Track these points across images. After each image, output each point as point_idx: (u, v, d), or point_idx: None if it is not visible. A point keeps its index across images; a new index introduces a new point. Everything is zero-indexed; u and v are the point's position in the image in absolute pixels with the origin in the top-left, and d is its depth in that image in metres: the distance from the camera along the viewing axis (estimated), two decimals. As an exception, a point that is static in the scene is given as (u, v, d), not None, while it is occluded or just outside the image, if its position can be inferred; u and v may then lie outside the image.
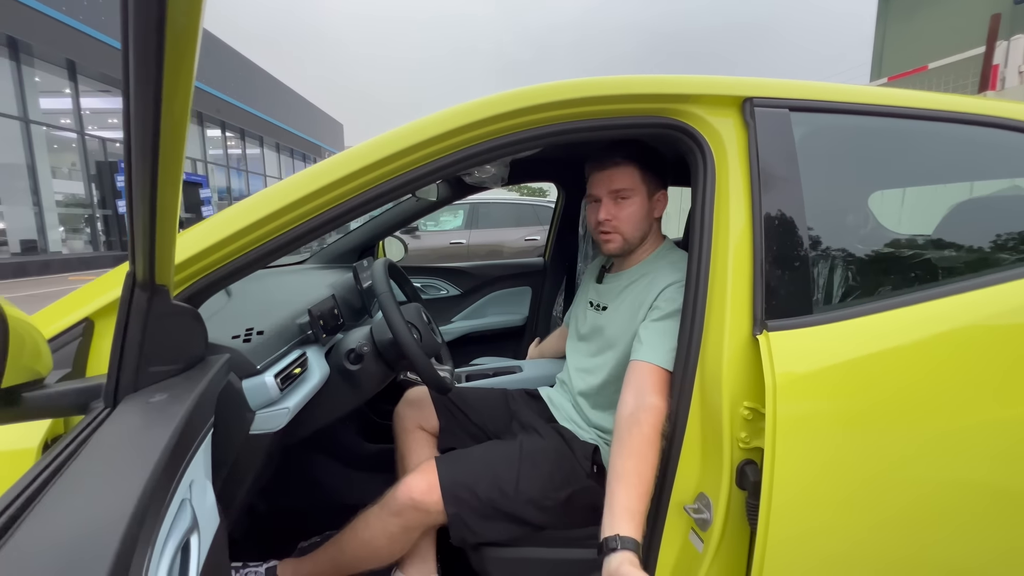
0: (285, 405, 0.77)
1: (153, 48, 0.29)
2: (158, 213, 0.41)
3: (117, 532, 0.25)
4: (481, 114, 0.76)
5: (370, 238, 1.83)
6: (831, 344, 0.70)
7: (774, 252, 0.74)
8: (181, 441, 0.40)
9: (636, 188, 0.96)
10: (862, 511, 0.69)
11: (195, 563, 0.40)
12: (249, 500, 1.20)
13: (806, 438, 0.68)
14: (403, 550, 0.91)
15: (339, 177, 0.72)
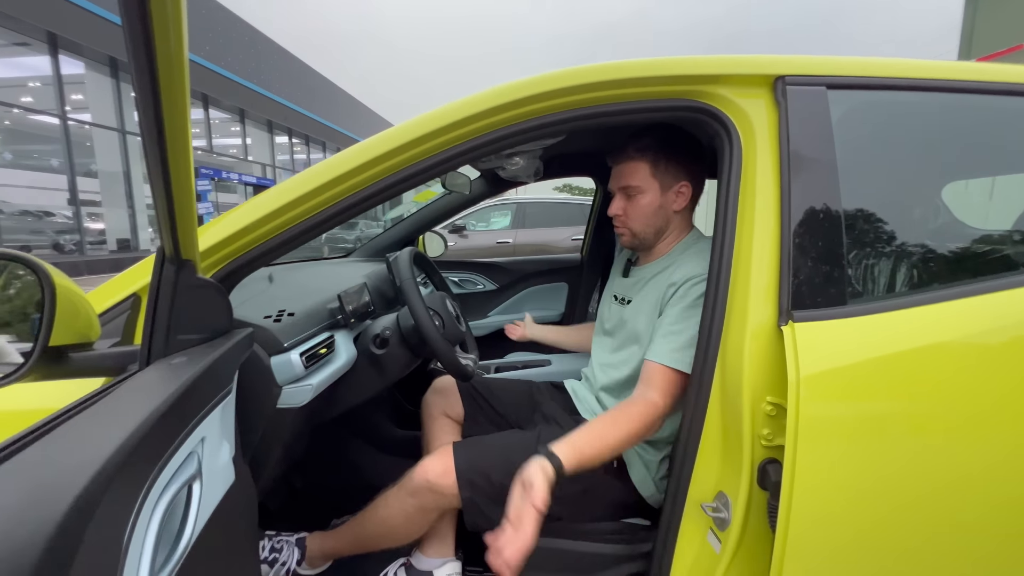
0: (309, 382, 0.81)
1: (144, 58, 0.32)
2: (174, 196, 0.46)
3: (92, 467, 0.28)
4: (505, 98, 0.76)
5: (411, 233, 1.89)
6: (865, 338, 0.65)
7: (803, 238, 0.69)
8: (188, 397, 0.43)
9: (646, 184, 0.94)
10: (890, 518, 0.63)
11: (195, 506, 0.43)
12: (285, 475, 1.27)
13: (831, 437, 0.63)
14: (420, 530, 0.93)
15: (364, 162, 0.74)
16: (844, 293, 0.68)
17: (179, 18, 0.34)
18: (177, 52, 0.35)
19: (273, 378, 0.76)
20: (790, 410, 0.62)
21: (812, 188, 0.70)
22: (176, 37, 0.34)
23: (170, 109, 0.39)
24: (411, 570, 0.96)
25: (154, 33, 0.32)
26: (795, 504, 0.62)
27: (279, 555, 1.00)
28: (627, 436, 0.80)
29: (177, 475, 0.41)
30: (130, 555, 0.32)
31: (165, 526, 0.38)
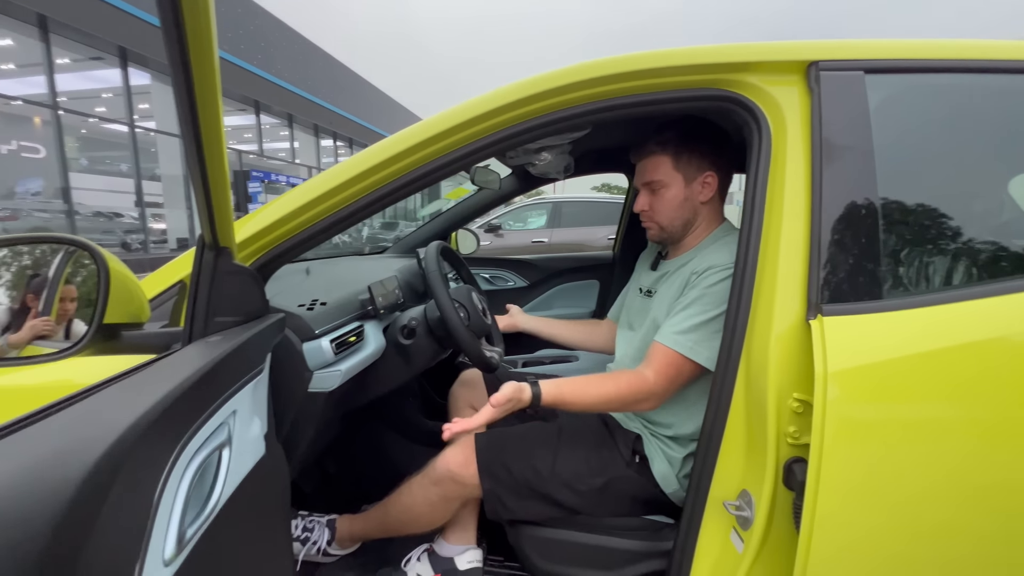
0: (338, 368, 0.85)
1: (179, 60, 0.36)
2: (211, 189, 0.49)
3: (125, 423, 0.31)
4: (529, 91, 0.76)
5: (443, 230, 1.93)
6: (902, 333, 0.62)
7: (835, 230, 0.66)
8: (220, 371, 0.46)
9: (669, 178, 0.93)
10: (923, 524, 0.60)
11: (224, 471, 0.46)
12: (319, 460, 1.33)
13: (861, 437, 0.60)
14: (443, 518, 0.95)
15: (390, 156, 0.76)
16: (880, 287, 0.65)
17: (209, 30, 0.37)
18: (209, 61, 0.39)
19: (305, 362, 0.80)
20: (816, 407, 0.60)
21: (846, 177, 0.67)
22: (207, 47, 0.38)
23: (205, 114, 0.42)
24: (433, 556, 0.98)
25: (189, 45, 0.35)
26: (820, 505, 0.60)
27: (311, 534, 1.05)
28: (608, 396, 0.84)
29: (208, 441, 0.44)
30: (161, 508, 0.36)
31: (195, 487, 0.42)
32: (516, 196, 1.88)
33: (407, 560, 1.00)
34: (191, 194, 0.68)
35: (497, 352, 1.09)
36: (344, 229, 0.82)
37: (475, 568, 0.97)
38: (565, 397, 0.83)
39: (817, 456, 0.60)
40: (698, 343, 0.82)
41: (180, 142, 6.59)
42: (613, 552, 0.90)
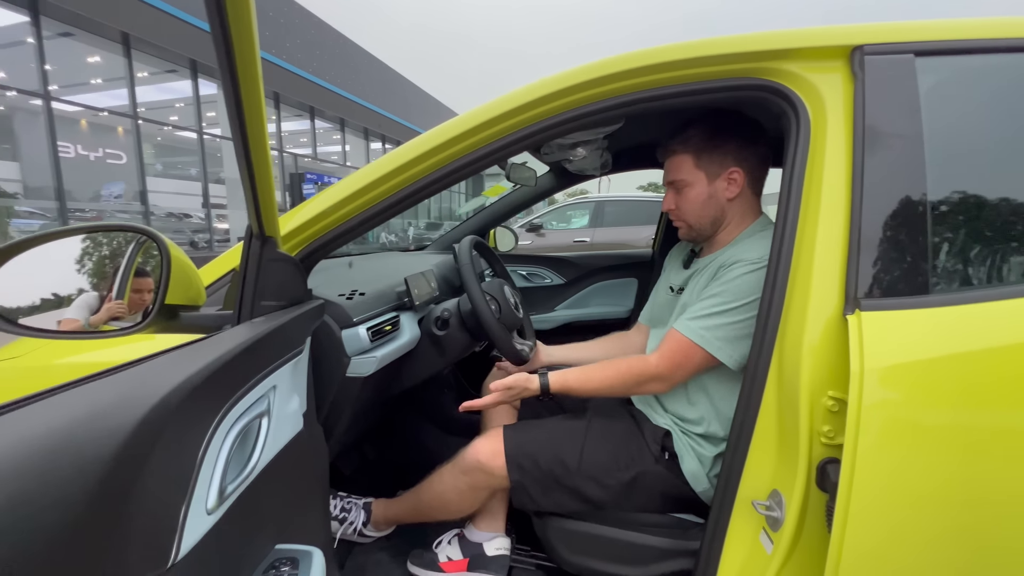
0: (374, 355, 0.89)
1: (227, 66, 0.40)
2: (257, 185, 0.54)
3: (172, 384, 0.35)
4: (563, 84, 0.76)
5: (482, 227, 1.96)
6: (945, 330, 0.58)
7: (877, 221, 0.63)
8: (260, 348, 0.51)
9: (691, 176, 0.92)
10: (957, 531, 0.56)
11: (262, 438, 0.51)
12: (359, 445, 1.39)
13: (898, 437, 0.57)
14: (471, 506, 0.98)
15: (425, 151, 0.79)
16: (925, 282, 0.61)
17: (252, 46, 0.41)
18: (253, 74, 0.43)
19: (343, 348, 0.85)
20: (851, 405, 0.58)
21: (891, 166, 0.64)
22: (251, 60, 0.42)
23: (251, 119, 0.46)
24: (463, 540, 1.01)
25: (236, 58, 0.39)
26: (852, 507, 0.58)
27: (348, 515, 1.10)
28: (611, 378, 0.89)
29: (249, 411, 0.49)
30: (205, 463, 0.40)
31: (236, 450, 0.46)
32: (554, 193, 1.89)
33: (438, 542, 1.03)
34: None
35: (528, 345, 1.11)
36: (381, 223, 0.85)
37: (502, 555, 0.99)
38: (570, 383, 0.90)
39: (851, 457, 0.58)
40: (709, 331, 0.82)
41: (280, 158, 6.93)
42: (640, 548, 0.89)
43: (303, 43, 11.21)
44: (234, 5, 0.38)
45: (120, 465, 0.29)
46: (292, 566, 0.54)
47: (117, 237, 0.65)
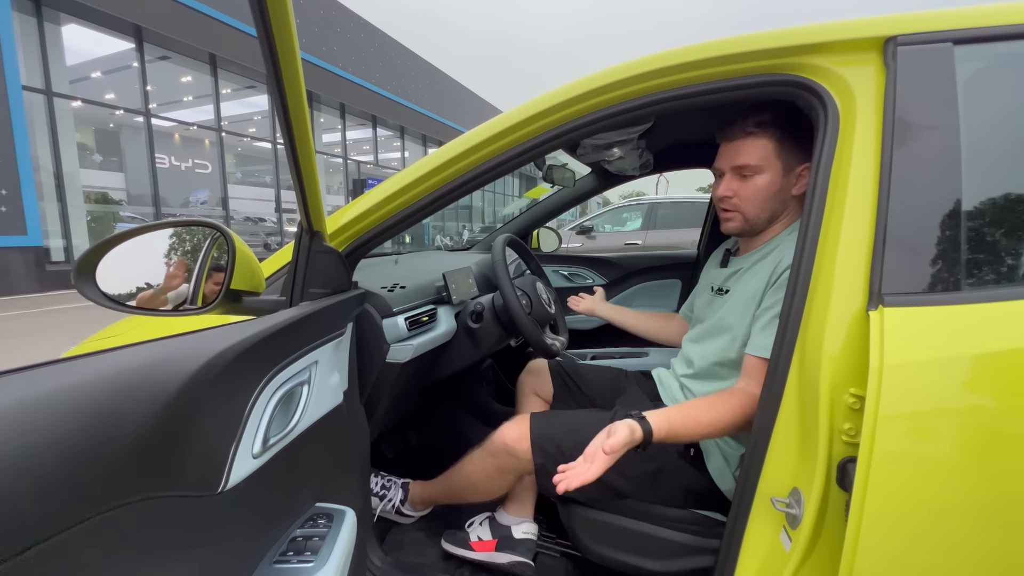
0: (411, 343, 0.96)
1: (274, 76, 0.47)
2: (305, 186, 0.62)
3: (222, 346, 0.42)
4: (595, 84, 0.79)
5: (524, 228, 2.01)
6: (971, 328, 0.56)
7: (905, 215, 0.61)
8: (302, 326, 0.58)
9: (767, 163, 0.87)
10: (974, 534, 0.53)
11: (302, 403, 0.58)
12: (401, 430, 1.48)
13: (918, 436, 0.55)
14: (499, 489, 1.02)
15: (461, 152, 0.85)
16: (955, 278, 0.59)
17: (296, 65, 0.48)
18: (298, 90, 0.50)
19: (383, 335, 0.93)
20: (869, 401, 0.57)
21: (921, 159, 0.62)
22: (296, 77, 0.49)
23: (298, 129, 0.54)
24: (493, 522, 1.06)
25: (283, 76, 0.47)
26: (868, 507, 0.57)
27: (387, 492, 1.18)
28: (721, 421, 0.79)
29: (292, 379, 0.56)
30: (252, 416, 0.47)
31: (280, 410, 0.53)
32: (596, 194, 1.90)
33: (470, 523, 1.09)
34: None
35: (559, 341, 1.14)
36: (419, 220, 0.92)
37: (529, 539, 1.03)
38: (675, 428, 0.78)
39: (867, 453, 0.57)
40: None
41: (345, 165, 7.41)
42: (662, 542, 0.90)
43: (367, 56, 11.83)
44: (280, 32, 0.45)
45: (180, 401, 0.37)
46: (328, 520, 0.61)
47: (195, 232, 0.76)
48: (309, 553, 0.54)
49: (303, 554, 0.54)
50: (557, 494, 0.96)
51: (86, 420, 0.31)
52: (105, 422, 0.32)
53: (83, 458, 0.31)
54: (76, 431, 0.31)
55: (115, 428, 0.33)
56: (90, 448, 0.31)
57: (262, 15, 0.44)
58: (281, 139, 0.60)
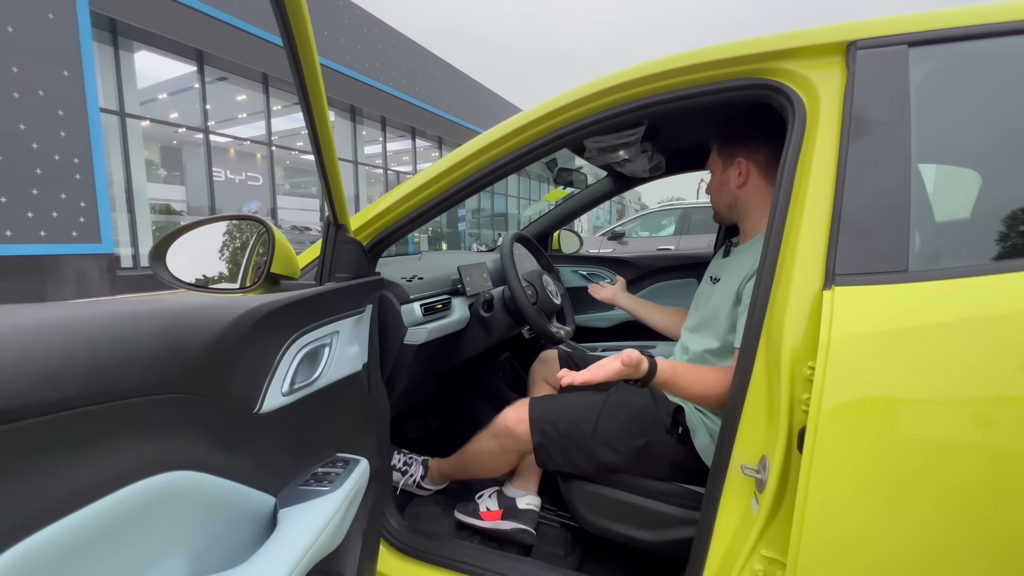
0: (425, 327, 1.08)
1: (299, 83, 0.59)
2: (330, 185, 0.74)
3: (254, 305, 0.55)
4: (588, 91, 0.88)
5: (544, 231, 2.11)
6: (913, 304, 0.61)
7: (856, 203, 0.67)
8: (326, 302, 0.70)
9: (713, 164, 1.05)
10: (918, 494, 0.58)
11: (323, 362, 0.70)
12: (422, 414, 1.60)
13: (858, 400, 0.61)
14: (504, 466, 1.11)
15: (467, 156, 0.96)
16: (902, 260, 0.64)
17: (316, 76, 0.60)
18: (321, 105, 0.62)
19: (401, 319, 1.04)
20: (817, 370, 0.63)
21: (872, 152, 0.68)
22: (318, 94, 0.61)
23: (323, 135, 0.66)
24: (500, 495, 1.15)
25: (308, 88, 0.59)
26: (816, 466, 0.63)
27: (409, 468, 1.30)
28: (713, 389, 0.88)
29: (316, 341, 0.68)
30: (281, 363, 0.59)
31: (305, 365, 0.65)
32: (613, 196, 1.97)
33: (480, 496, 1.18)
34: (360, 210, 0.98)
35: (564, 330, 1.23)
36: (434, 217, 1.04)
37: (531, 510, 1.11)
38: (678, 377, 0.86)
39: (815, 417, 0.63)
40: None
41: (353, 167, 7.79)
42: (652, 514, 0.96)
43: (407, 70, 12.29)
44: (303, 48, 0.57)
45: (225, 337, 0.49)
46: (344, 464, 0.73)
47: (244, 225, 0.90)
48: (327, 483, 0.65)
49: (321, 483, 0.65)
50: (554, 470, 1.04)
51: (160, 330, 0.44)
52: (174, 334, 0.45)
53: (161, 352, 0.44)
54: (156, 332, 0.44)
55: (181, 341, 0.45)
56: (164, 347, 0.44)
57: (288, 35, 0.56)
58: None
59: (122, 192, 7.22)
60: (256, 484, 0.55)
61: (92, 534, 0.35)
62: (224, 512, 0.50)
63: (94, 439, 0.37)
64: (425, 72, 13.07)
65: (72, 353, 0.36)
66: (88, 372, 0.37)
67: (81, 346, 0.36)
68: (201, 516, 0.47)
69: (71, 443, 0.35)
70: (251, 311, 0.54)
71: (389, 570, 1.01)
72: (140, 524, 0.40)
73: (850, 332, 0.62)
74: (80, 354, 0.36)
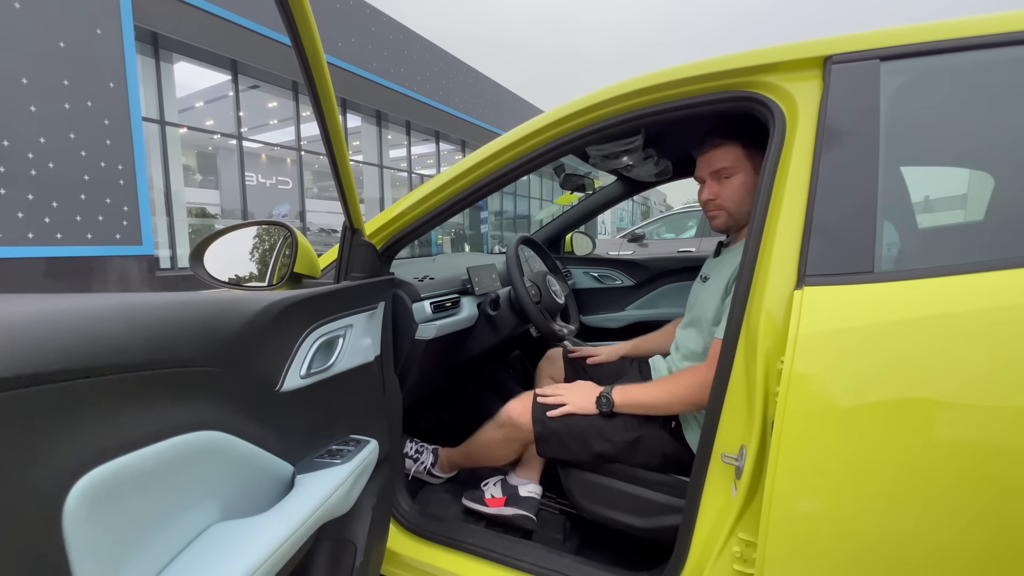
0: (435, 323, 1.16)
1: (313, 92, 0.68)
2: (345, 192, 0.83)
3: (278, 297, 0.63)
4: (586, 104, 0.95)
5: (557, 233, 2.17)
6: (876, 303, 0.65)
7: (826, 209, 0.72)
8: (340, 297, 0.79)
9: (739, 164, 1.00)
10: (873, 477, 0.62)
11: (337, 352, 0.78)
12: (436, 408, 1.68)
13: (821, 393, 0.66)
14: (508, 455, 1.18)
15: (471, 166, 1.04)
16: (867, 262, 0.68)
17: (327, 85, 0.68)
18: (333, 115, 0.71)
19: (412, 316, 1.13)
20: (785, 364, 0.68)
21: (842, 160, 0.72)
22: (330, 103, 0.69)
23: (336, 142, 0.75)
24: (504, 483, 1.22)
25: (322, 102, 0.67)
26: (782, 452, 0.67)
27: (420, 456, 1.38)
28: (669, 395, 0.94)
29: (331, 332, 0.77)
30: (299, 350, 0.68)
31: (321, 353, 0.74)
32: (623, 200, 2.03)
33: (485, 483, 1.26)
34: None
35: (568, 328, 1.29)
36: (442, 222, 1.12)
37: (533, 497, 1.18)
38: (628, 397, 1.01)
39: (783, 409, 0.68)
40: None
41: (378, 171, 7.97)
42: (645, 502, 1.02)
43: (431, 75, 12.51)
44: (313, 56, 0.65)
45: (252, 323, 0.59)
46: (356, 444, 0.81)
47: (272, 230, 0.99)
48: (339, 457, 0.74)
49: (334, 457, 0.74)
50: (554, 458, 1.11)
51: (201, 316, 0.54)
52: (212, 320, 0.54)
53: (202, 333, 0.54)
54: (198, 317, 0.54)
55: (217, 325, 0.55)
56: (205, 329, 0.54)
57: (301, 54, 0.64)
58: (355, 158, 0.81)
59: (161, 196, 7.60)
60: (278, 453, 0.64)
61: (147, 470, 0.45)
62: (251, 472, 0.59)
63: (153, 397, 0.48)
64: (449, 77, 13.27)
65: (136, 330, 0.45)
66: (149, 345, 0.47)
67: (142, 326, 0.46)
68: (232, 471, 0.57)
69: (138, 397, 0.46)
70: (273, 303, 0.63)
71: (399, 548, 1.09)
72: (185, 468, 0.50)
73: (816, 329, 0.67)
74: (141, 332, 0.46)
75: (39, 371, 0.36)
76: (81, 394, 0.40)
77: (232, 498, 0.58)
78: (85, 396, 0.40)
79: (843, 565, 0.66)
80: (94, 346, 0.41)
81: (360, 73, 10.20)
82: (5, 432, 0.34)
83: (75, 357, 0.39)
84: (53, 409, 0.38)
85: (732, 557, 0.78)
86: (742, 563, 0.77)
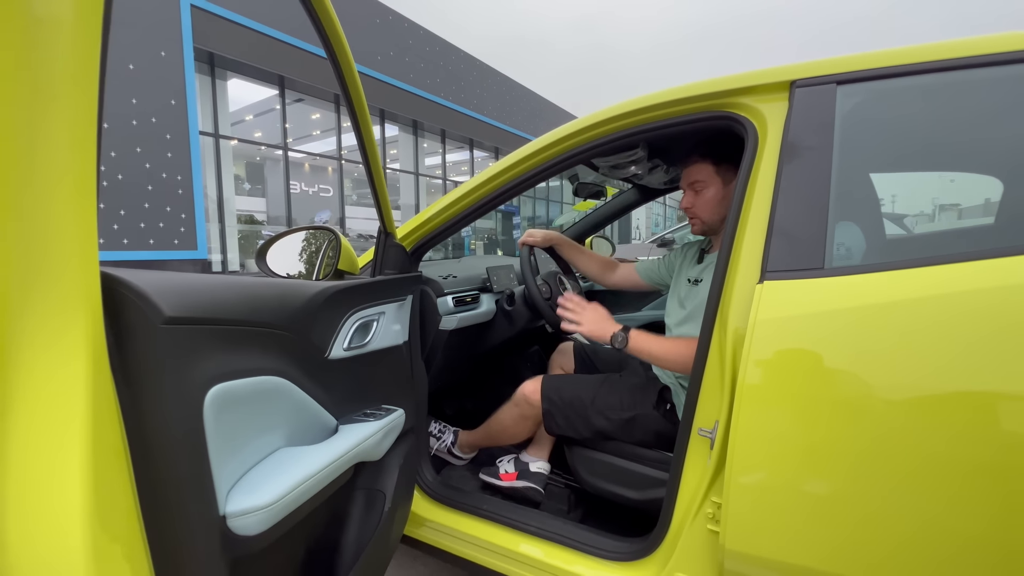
0: (456, 316, 1.32)
1: (348, 102, 0.85)
2: (380, 200, 1.00)
3: (321, 288, 0.81)
4: (590, 121, 1.09)
5: (577, 237, 2.30)
6: (825, 294, 0.76)
7: (785, 212, 0.83)
8: (373, 289, 0.96)
9: (710, 179, 1.15)
10: (820, 447, 0.73)
11: (372, 332, 0.95)
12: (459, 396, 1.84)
13: (772, 372, 0.77)
14: (523, 433, 1.33)
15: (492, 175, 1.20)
16: (820, 259, 0.79)
17: (359, 93, 0.85)
18: (367, 125, 0.88)
19: (436, 308, 1.29)
20: (745, 346, 0.80)
21: (799, 170, 0.84)
22: (363, 114, 0.86)
23: (371, 155, 0.92)
24: (517, 460, 1.36)
25: (358, 116, 0.84)
26: (738, 424, 0.79)
27: (442, 435, 1.54)
28: (677, 353, 1.05)
29: (367, 316, 0.94)
30: (343, 329, 0.85)
31: (359, 332, 0.91)
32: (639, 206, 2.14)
33: (500, 460, 1.40)
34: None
35: (576, 322, 1.42)
36: (465, 226, 1.27)
37: (541, 473, 1.32)
38: (640, 342, 1.08)
39: (742, 385, 0.79)
40: None
41: (414, 179, 8.23)
42: (641, 477, 1.14)
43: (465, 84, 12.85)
44: (347, 71, 0.82)
45: (308, 305, 0.76)
46: (386, 411, 0.98)
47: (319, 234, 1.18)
48: (372, 418, 0.90)
49: (368, 418, 0.90)
50: (559, 433, 1.24)
51: (276, 294, 0.74)
52: (283, 297, 0.72)
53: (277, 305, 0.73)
54: (275, 295, 0.74)
55: (287, 300, 0.73)
56: (279, 303, 0.72)
57: (338, 70, 0.81)
58: (392, 166, 0.98)
59: (214, 204, 8.17)
60: (325, 406, 0.81)
61: (244, 395, 0.64)
62: (307, 415, 0.77)
63: (251, 345, 0.68)
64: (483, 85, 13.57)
65: (238, 298, 0.65)
66: (247, 308, 0.67)
67: (241, 296, 0.65)
68: (294, 411, 0.75)
69: (244, 344, 0.66)
70: (326, 288, 0.81)
71: (423, 512, 1.25)
72: (264, 400, 0.69)
73: (770, 316, 0.78)
74: (242, 299, 0.65)
75: (202, 316, 0.58)
76: (217, 335, 0.60)
77: (294, 433, 0.75)
78: (219, 336, 0.60)
79: (792, 524, 0.76)
80: (232, 305, 0.63)
81: (397, 84, 10.63)
82: (187, 345, 0.55)
83: (225, 309, 0.62)
84: (206, 340, 0.58)
85: (706, 517, 0.90)
86: (714, 522, 0.88)
